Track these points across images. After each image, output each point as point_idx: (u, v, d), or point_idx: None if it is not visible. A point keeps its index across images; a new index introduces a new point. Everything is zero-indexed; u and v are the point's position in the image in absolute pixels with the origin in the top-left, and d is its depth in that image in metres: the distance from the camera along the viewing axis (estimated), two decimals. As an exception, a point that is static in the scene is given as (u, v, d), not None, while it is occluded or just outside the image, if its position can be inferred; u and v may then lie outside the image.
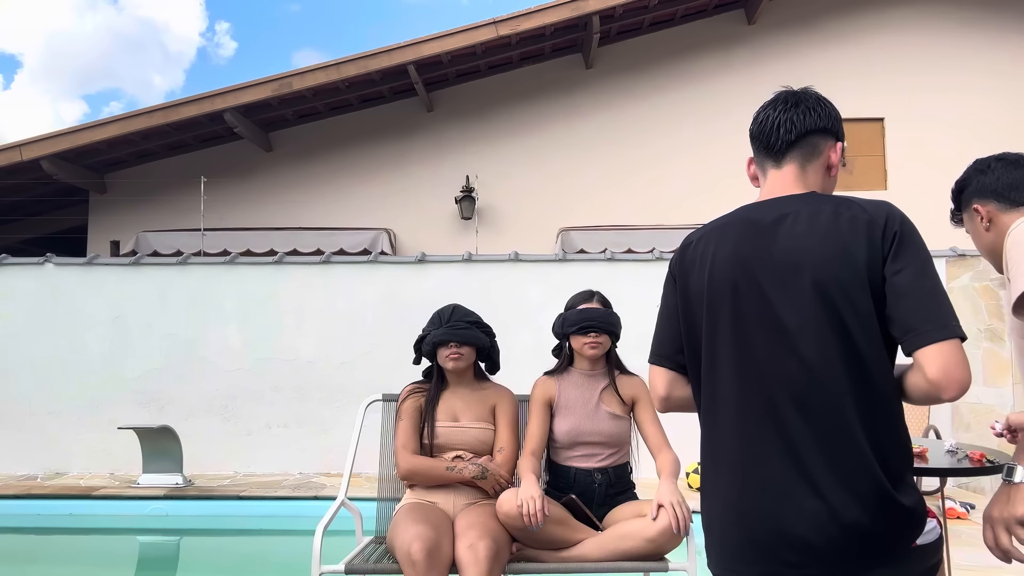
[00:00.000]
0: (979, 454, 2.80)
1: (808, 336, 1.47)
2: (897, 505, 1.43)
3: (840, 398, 1.44)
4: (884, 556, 1.44)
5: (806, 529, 1.44)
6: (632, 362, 3.00)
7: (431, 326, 2.88)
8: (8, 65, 48.72)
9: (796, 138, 1.66)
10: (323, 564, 2.57)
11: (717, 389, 1.59)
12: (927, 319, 1.41)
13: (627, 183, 10.23)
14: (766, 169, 1.72)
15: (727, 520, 1.56)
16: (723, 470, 1.58)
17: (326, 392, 6.87)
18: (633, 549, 2.55)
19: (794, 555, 1.46)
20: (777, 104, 1.71)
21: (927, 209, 10.43)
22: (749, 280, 1.55)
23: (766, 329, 1.52)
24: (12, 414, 6.89)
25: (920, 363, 1.42)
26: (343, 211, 10.17)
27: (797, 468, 1.46)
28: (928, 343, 1.40)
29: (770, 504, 1.48)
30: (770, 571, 1.49)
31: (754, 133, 1.75)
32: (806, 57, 10.43)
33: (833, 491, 1.43)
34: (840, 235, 1.48)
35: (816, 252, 1.49)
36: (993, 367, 6.61)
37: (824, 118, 1.67)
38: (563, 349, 2.96)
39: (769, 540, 1.48)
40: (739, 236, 1.61)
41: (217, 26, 49.56)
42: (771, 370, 1.50)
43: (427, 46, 9.19)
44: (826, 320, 1.46)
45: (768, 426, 1.49)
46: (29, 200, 10.52)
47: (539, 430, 2.80)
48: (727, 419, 1.57)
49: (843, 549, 1.43)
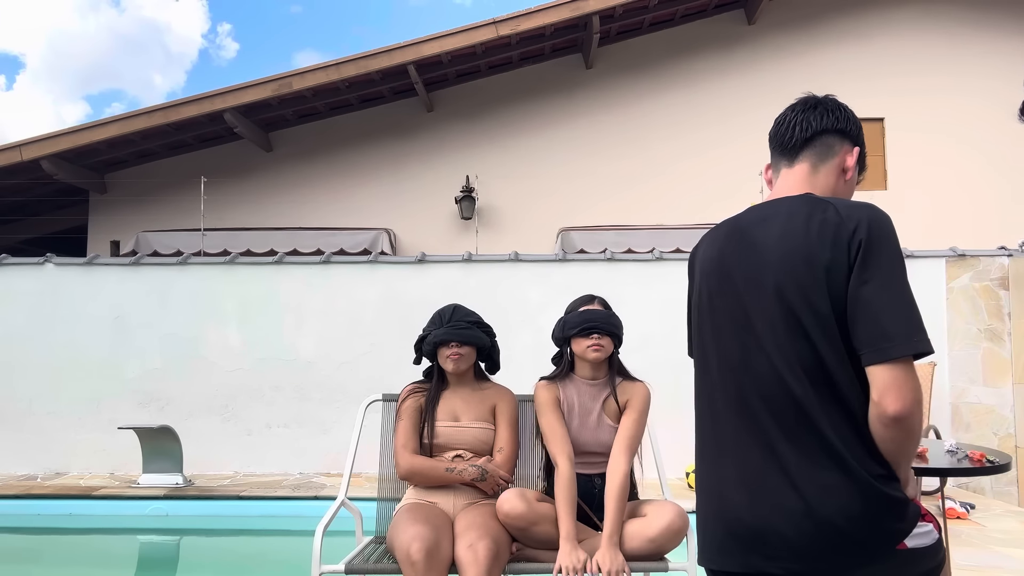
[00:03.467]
0: (979, 454, 2.80)
1: (770, 338, 1.50)
2: (872, 503, 1.43)
3: (803, 399, 1.46)
4: (863, 554, 1.44)
5: (783, 524, 1.46)
6: (632, 362, 2.99)
7: (432, 326, 2.88)
8: (10, 66, 48.73)
9: (811, 136, 1.67)
10: (323, 564, 2.57)
11: (704, 388, 1.65)
12: (881, 336, 1.41)
13: (627, 183, 10.23)
14: (779, 169, 1.73)
15: (709, 514, 1.61)
16: (709, 467, 1.62)
17: (326, 392, 6.87)
18: (634, 549, 2.55)
19: (772, 549, 1.48)
20: (796, 107, 1.73)
21: (927, 209, 10.43)
22: (727, 282, 1.60)
23: (739, 330, 1.56)
24: (12, 414, 6.89)
25: (870, 381, 1.43)
26: (343, 211, 10.17)
27: (774, 465, 1.49)
28: (876, 363, 1.41)
29: (748, 499, 1.51)
30: (750, 564, 1.51)
31: (771, 134, 1.76)
32: (806, 57, 10.43)
33: (807, 487, 1.45)
34: (808, 238, 1.49)
35: (780, 254, 1.51)
36: (993, 367, 6.61)
37: (841, 120, 1.68)
38: (563, 356, 2.88)
39: (748, 534, 1.51)
40: (725, 239, 1.66)
41: (219, 28, 49.58)
42: (744, 370, 1.54)
43: (427, 46, 9.19)
44: (784, 323, 1.49)
45: (745, 425, 1.53)
46: (29, 200, 10.52)
47: (562, 429, 2.69)
48: (713, 417, 1.62)
49: (819, 544, 1.44)
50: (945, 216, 9.29)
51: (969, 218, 9.52)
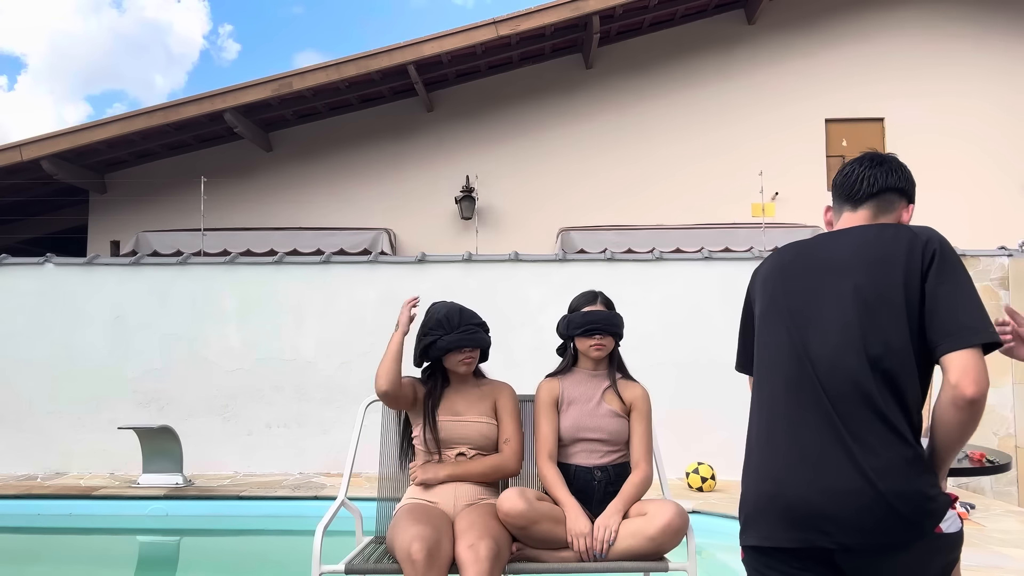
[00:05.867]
0: (979, 454, 2.80)
1: (839, 328, 1.67)
2: (921, 486, 1.57)
3: (866, 384, 1.60)
4: (911, 532, 1.55)
5: (842, 500, 1.57)
6: (632, 362, 3.01)
7: (439, 330, 2.86)
8: (12, 66, 48.69)
9: (877, 192, 1.84)
10: (323, 564, 2.57)
11: (765, 379, 1.79)
12: (960, 326, 1.59)
13: (627, 183, 10.24)
14: (842, 213, 1.89)
15: (762, 493, 1.71)
16: (764, 450, 1.74)
17: (326, 392, 6.87)
18: (634, 547, 2.55)
19: (830, 524, 1.58)
20: (863, 161, 1.88)
21: (927, 209, 10.41)
22: (798, 281, 1.78)
23: (807, 322, 1.72)
24: (12, 414, 6.89)
25: (946, 368, 1.59)
26: (343, 211, 10.17)
27: (835, 446, 1.60)
28: (955, 349, 1.58)
29: (810, 476, 1.62)
30: (807, 540, 1.61)
31: (838, 183, 1.91)
32: (806, 57, 10.44)
33: (866, 466, 1.56)
34: (884, 245, 1.69)
35: (858, 257, 1.69)
36: (993, 367, 6.56)
37: (903, 180, 1.86)
38: (568, 348, 2.98)
39: (807, 510, 1.61)
40: (795, 252, 1.85)
41: (220, 29, 49.53)
42: (810, 358, 1.68)
43: (427, 46, 9.19)
44: (857, 315, 1.65)
45: (808, 408, 1.66)
46: (29, 200, 10.52)
47: (551, 432, 2.82)
48: (772, 405, 1.75)
49: (872, 521, 1.55)
50: (945, 216, 9.25)
51: (969, 218, 9.52)
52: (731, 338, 2.09)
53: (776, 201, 9.52)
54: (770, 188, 9.36)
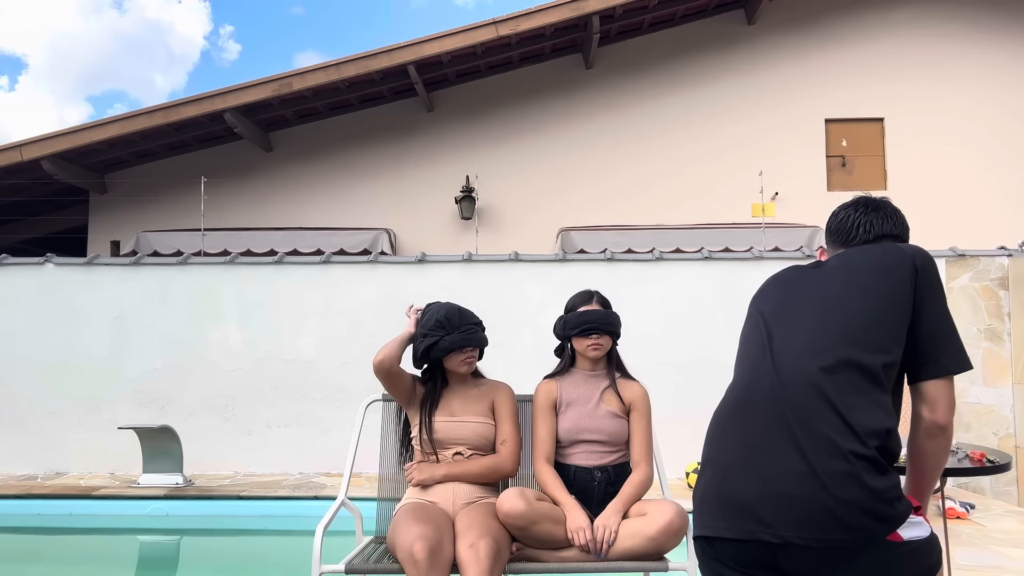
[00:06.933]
0: (979, 454, 2.80)
1: (818, 335, 1.67)
2: (869, 492, 1.51)
3: (828, 388, 1.59)
4: (851, 533, 1.50)
5: (785, 491, 1.55)
6: (632, 362, 3.01)
7: (439, 330, 2.86)
8: (13, 66, 48.67)
9: (873, 239, 1.85)
10: (323, 564, 2.57)
11: (738, 382, 1.82)
12: (940, 354, 1.63)
13: (627, 183, 10.24)
14: (836, 252, 1.92)
15: (711, 482, 1.71)
16: (719, 445, 1.75)
17: (326, 392, 6.87)
18: (634, 547, 2.55)
19: (771, 516, 1.55)
20: (858, 207, 1.89)
21: (927, 209, 10.42)
22: (792, 291, 1.81)
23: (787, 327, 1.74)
24: (12, 414, 6.89)
25: (920, 394, 1.65)
26: (343, 211, 10.17)
27: (788, 444, 1.58)
28: (933, 377, 1.63)
29: (759, 468, 1.61)
30: (746, 531, 1.58)
31: (832, 228, 1.93)
32: (806, 57, 10.44)
33: (817, 465, 1.53)
34: (867, 255, 1.73)
35: (857, 266, 1.72)
36: (993, 367, 6.61)
37: (899, 227, 1.87)
38: (565, 349, 2.97)
39: (748, 502, 1.59)
40: (793, 269, 1.90)
41: (221, 29, 49.49)
42: (774, 355, 1.69)
43: (427, 46, 9.19)
44: (827, 317, 1.67)
45: (771, 412, 1.65)
46: (29, 200, 10.52)
47: (548, 434, 2.81)
48: (738, 405, 1.76)
49: (816, 518, 1.52)
50: (945, 216, 9.28)
51: (969, 218, 9.52)
52: (731, 338, 2.09)
53: (776, 201, 9.52)
54: (770, 188, 9.37)
